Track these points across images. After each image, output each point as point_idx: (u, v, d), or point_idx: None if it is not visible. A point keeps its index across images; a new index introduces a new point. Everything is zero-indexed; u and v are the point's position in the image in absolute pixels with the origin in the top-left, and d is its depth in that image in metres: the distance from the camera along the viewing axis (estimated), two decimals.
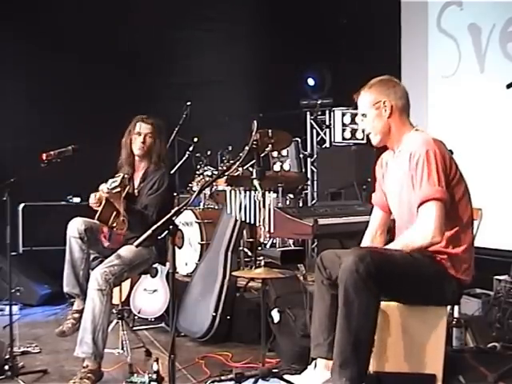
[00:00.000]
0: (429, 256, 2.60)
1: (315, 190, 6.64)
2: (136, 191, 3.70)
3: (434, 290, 2.62)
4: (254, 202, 3.58)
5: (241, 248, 4.87)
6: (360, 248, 2.64)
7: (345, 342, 2.45)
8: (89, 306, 3.27)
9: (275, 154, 6.68)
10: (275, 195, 4.98)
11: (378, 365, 2.59)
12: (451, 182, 2.61)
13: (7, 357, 3.36)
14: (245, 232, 4.90)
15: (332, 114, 6.43)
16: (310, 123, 6.89)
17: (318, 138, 6.87)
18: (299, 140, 6.76)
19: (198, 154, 5.51)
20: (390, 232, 2.93)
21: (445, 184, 2.54)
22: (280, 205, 4.95)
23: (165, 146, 3.84)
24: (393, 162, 2.81)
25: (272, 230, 3.48)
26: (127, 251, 3.50)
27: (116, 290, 3.82)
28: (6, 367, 3.31)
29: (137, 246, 2.52)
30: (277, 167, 6.78)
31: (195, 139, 5.41)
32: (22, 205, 5.65)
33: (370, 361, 2.50)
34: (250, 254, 5.01)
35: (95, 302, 3.26)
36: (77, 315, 3.42)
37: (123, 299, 4.14)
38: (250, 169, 4.76)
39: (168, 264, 3.82)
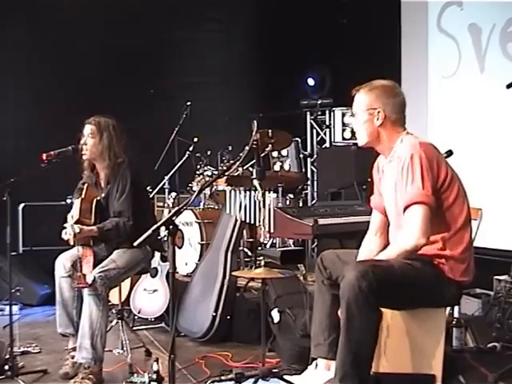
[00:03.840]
0: (427, 261, 2.59)
1: (315, 190, 6.64)
2: (103, 195, 3.57)
3: (433, 296, 2.62)
4: (254, 202, 3.59)
5: (241, 248, 4.87)
6: (361, 263, 2.61)
7: (345, 356, 2.44)
8: (85, 312, 3.27)
9: (275, 154, 6.69)
10: (275, 195, 4.99)
11: (378, 365, 2.59)
12: (442, 185, 2.59)
13: (7, 357, 3.36)
14: (245, 232, 4.89)
15: (332, 113, 6.44)
16: (310, 123, 6.89)
17: (318, 138, 6.87)
18: (299, 140, 6.76)
19: (198, 154, 5.50)
20: None
21: (431, 187, 2.52)
22: (280, 205, 4.95)
23: (110, 140, 3.52)
24: (387, 168, 2.80)
25: (272, 230, 3.48)
26: (121, 254, 3.48)
27: (116, 290, 3.83)
28: (6, 367, 3.31)
29: (137, 246, 2.51)
30: (277, 167, 6.79)
31: (195, 139, 5.41)
32: (22, 205, 5.65)
33: (369, 375, 2.49)
34: (250, 253, 5.01)
35: (91, 307, 3.26)
36: (74, 353, 3.37)
37: (123, 299, 4.13)
38: (250, 169, 4.76)
39: (168, 262, 3.83)
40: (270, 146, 3.96)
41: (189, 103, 5.45)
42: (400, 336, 2.64)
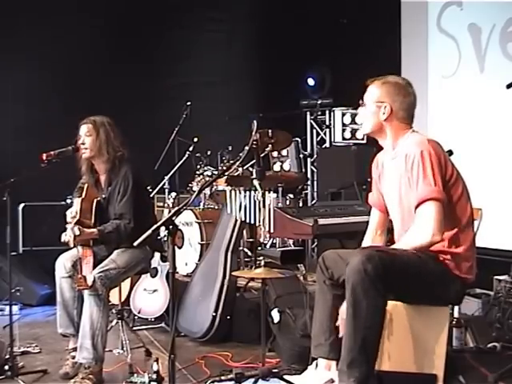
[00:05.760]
0: (433, 256, 2.60)
1: (315, 190, 6.64)
2: (104, 195, 3.57)
3: (438, 289, 2.62)
4: (254, 201, 3.58)
5: (241, 248, 4.87)
6: (367, 248, 2.63)
7: (352, 342, 2.44)
8: (86, 312, 3.27)
9: (275, 154, 6.69)
10: (275, 195, 4.99)
11: (380, 363, 2.59)
12: (448, 181, 2.61)
13: (7, 357, 3.35)
14: (245, 232, 4.89)
15: (332, 113, 6.44)
16: (310, 123, 6.89)
17: (318, 138, 6.87)
18: (299, 140, 6.76)
19: (198, 154, 5.51)
20: (390, 232, 2.93)
21: (441, 183, 2.54)
22: (280, 205, 4.96)
23: (108, 135, 3.53)
24: (390, 163, 2.81)
25: (272, 230, 3.48)
26: (121, 254, 3.48)
27: (116, 290, 3.83)
28: (6, 367, 3.31)
29: (137, 246, 2.51)
30: (277, 167, 6.78)
31: (195, 139, 5.41)
32: (22, 205, 5.65)
33: (376, 361, 2.50)
34: (250, 253, 5.01)
35: (92, 307, 3.26)
36: (74, 353, 3.38)
37: (123, 299, 4.13)
38: (250, 169, 4.76)
39: (168, 262, 3.83)
40: (270, 146, 3.96)
41: (189, 103, 5.45)
42: (403, 334, 2.63)
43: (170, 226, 2.35)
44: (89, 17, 6.09)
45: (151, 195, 5.08)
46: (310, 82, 6.88)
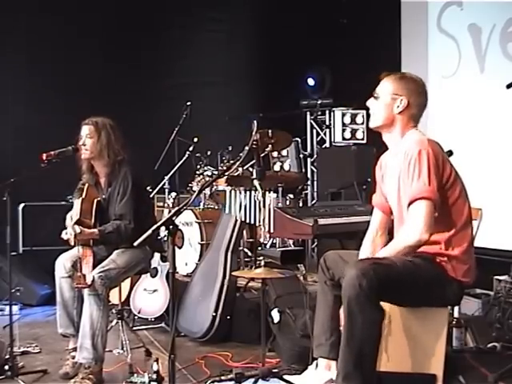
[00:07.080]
0: (429, 259, 2.59)
1: (315, 190, 6.64)
2: (104, 196, 3.57)
3: (435, 294, 2.61)
4: (254, 201, 3.59)
5: (241, 248, 4.87)
6: (362, 261, 2.60)
7: (348, 355, 2.43)
8: (86, 312, 3.27)
9: (275, 154, 6.69)
10: (275, 195, 4.98)
11: (379, 364, 2.59)
12: (446, 183, 2.59)
13: (7, 357, 3.35)
14: (245, 232, 4.89)
15: (332, 113, 6.44)
16: (310, 123, 6.90)
17: (318, 138, 6.87)
18: (299, 140, 6.77)
19: (198, 154, 5.51)
20: (390, 233, 2.93)
21: (436, 184, 2.53)
22: (280, 205, 4.96)
23: (109, 138, 3.52)
24: (391, 162, 2.81)
25: (272, 230, 3.48)
26: (121, 254, 3.48)
27: (116, 290, 3.83)
28: (6, 367, 3.31)
29: (137, 246, 2.51)
30: (277, 167, 6.79)
31: (195, 139, 5.41)
32: (22, 205, 5.65)
33: (374, 375, 2.48)
34: (250, 254, 5.01)
35: (92, 307, 3.26)
36: (74, 353, 3.38)
37: (123, 299, 4.13)
38: (250, 169, 4.76)
39: (168, 262, 3.83)
40: (270, 146, 3.96)
41: (189, 103, 5.45)
42: (402, 335, 2.63)
43: (170, 226, 2.35)
44: (88, 17, 6.09)
45: (151, 195, 5.08)
46: (310, 82, 6.88)
